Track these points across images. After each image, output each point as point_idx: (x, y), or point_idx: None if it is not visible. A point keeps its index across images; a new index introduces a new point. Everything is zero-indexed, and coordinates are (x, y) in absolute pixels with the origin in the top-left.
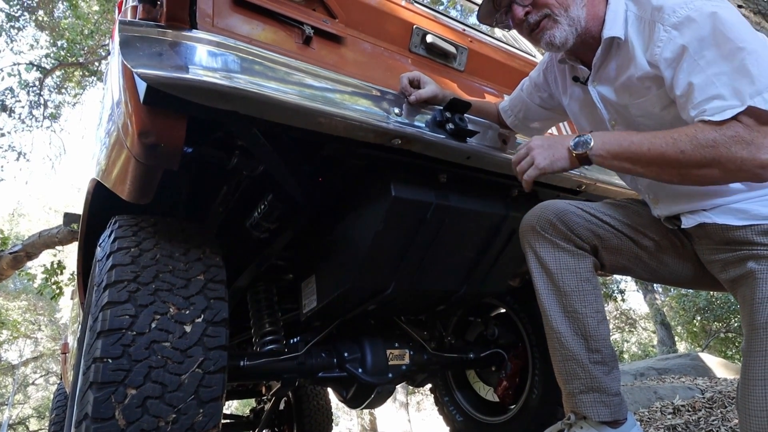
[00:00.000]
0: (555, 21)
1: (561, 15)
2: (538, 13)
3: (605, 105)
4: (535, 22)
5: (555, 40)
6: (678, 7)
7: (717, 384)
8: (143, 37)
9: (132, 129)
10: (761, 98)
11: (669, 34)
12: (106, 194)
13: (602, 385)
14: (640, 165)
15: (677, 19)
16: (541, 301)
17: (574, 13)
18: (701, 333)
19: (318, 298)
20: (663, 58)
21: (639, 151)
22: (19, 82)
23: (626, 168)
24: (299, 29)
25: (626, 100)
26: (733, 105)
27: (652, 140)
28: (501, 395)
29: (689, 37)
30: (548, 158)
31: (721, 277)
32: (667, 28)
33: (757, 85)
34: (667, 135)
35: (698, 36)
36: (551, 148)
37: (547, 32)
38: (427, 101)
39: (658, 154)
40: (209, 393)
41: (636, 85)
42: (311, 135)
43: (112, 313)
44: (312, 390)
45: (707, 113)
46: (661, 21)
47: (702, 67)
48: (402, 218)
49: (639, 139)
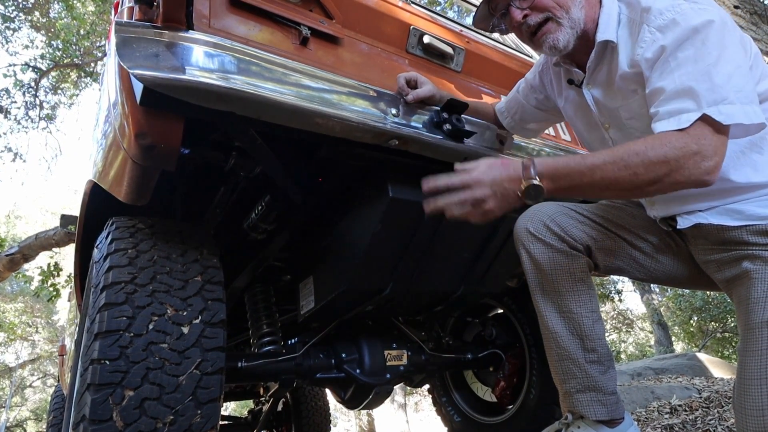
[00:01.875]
0: (558, 24)
1: (563, 17)
2: (538, 16)
3: (599, 108)
4: (536, 25)
5: (558, 44)
6: (665, 10)
7: (714, 384)
8: (140, 38)
9: (129, 130)
10: (716, 109)
11: (653, 35)
12: (103, 195)
13: (599, 385)
14: (593, 192)
15: (663, 21)
16: (537, 301)
17: (575, 14)
18: (698, 333)
19: (316, 299)
20: (644, 58)
21: (592, 182)
22: (15, 83)
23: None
24: (296, 30)
25: (617, 102)
26: (689, 109)
27: (603, 167)
28: (499, 395)
29: (670, 38)
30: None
31: (717, 278)
32: (652, 29)
33: (715, 95)
34: (617, 158)
35: (677, 38)
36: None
37: (550, 36)
38: (425, 101)
39: (612, 180)
40: (207, 394)
41: (623, 86)
42: (308, 136)
43: (109, 314)
44: (310, 391)
45: (661, 115)
46: (648, 22)
47: (671, 68)
48: (399, 219)
49: (589, 168)
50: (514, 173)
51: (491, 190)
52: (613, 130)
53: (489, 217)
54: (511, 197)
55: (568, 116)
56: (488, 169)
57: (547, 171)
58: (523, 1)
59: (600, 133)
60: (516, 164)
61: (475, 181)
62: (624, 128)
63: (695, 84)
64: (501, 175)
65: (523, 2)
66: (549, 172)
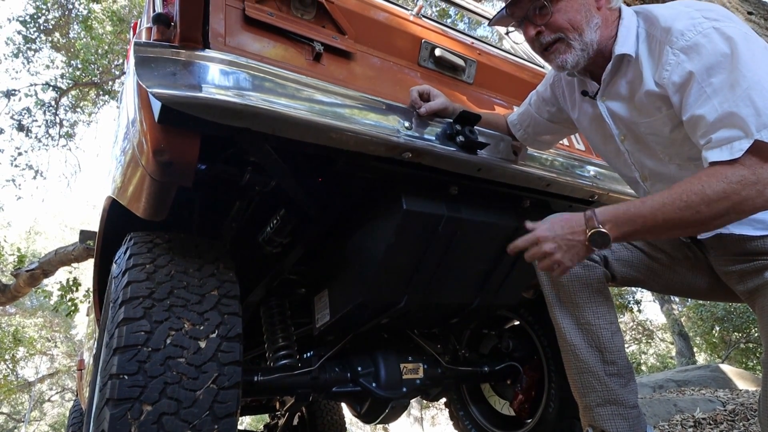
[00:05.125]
0: (568, 45)
1: (575, 40)
2: (550, 36)
3: (614, 120)
4: (548, 43)
5: (567, 65)
6: (686, 30)
7: (738, 396)
8: (158, 57)
9: (147, 147)
10: (767, 131)
11: (677, 57)
12: (121, 211)
13: (619, 398)
14: (657, 233)
15: (686, 42)
16: (554, 313)
17: (588, 38)
18: (720, 343)
19: (331, 312)
20: (671, 82)
21: (654, 224)
22: (36, 102)
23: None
24: (309, 46)
25: (636, 117)
26: (739, 136)
27: (663, 209)
28: (517, 409)
29: (697, 63)
30: (573, 258)
31: (738, 289)
32: (676, 51)
33: (762, 118)
34: (677, 198)
35: (706, 64)
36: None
37: (560, 56)
38: (438, 114)
39: (676, 220)
40: (224, 409)
41: (645, 103)
42: (323, 150)
43: (128, 329)
44: (326, 405)
45: (713, 144)
46: (670, 43)
47: (708, 95)
48: (414, 231)
49: (650, 211)
50: (577, 226)
51: (556, 244)
52: (629, 142)
53: (564, 270)
54: (578, 248)
55: (583, 128)
56: (551, 225)
57: (608, 218)
58: (539, 18)
59: (615, 145)
60: (578, 217)
61: (540, 238)
62: (641, 140)
63: (738, 110)
64: (564, 229)
65: (539, 18)
66: (611, 218)
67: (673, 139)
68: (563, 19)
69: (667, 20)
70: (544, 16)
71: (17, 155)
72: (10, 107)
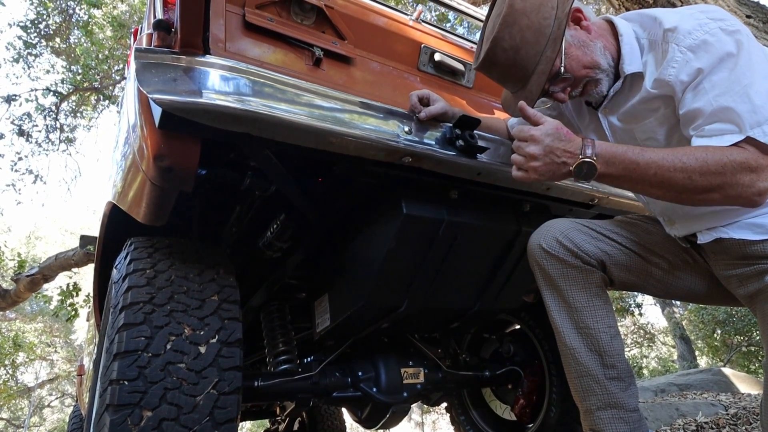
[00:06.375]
0: (597, 82)
1: (598, 74)
2: (578, 88)
3: (613, 132)
4: (581, 93)
5: (603, 92)
6: (694, 30)
7: (741, 400)
8: (158, 63)
9: (147, 152)
10: (761, 130)
11: (685, 55)
12: (121, 216)
13: (620, 401)
14: (640, 187)
15: (693, 41)
16: (553, 318)
17: (605, 64)
18: (722, 347)
19: (331, 316)
20: (679, 80)
21: (643, 176)
22: (36, 107)
23: (627, 188)
24: (309, 51)
25: (632, 124)
26: (731, 130)
27: (660, 163)
28: (518, 414)
29: (706, 60)
30: (548, 173)
31: (739, 293)
32: (683, 49)
33: (757, 116)
34: (676, 158)
35: (713, 60)
36: (554, 164)
37: (594, 90)
38: (437, 118)
39: (665, 178)
40: (224, 414)
41: (642, 107)
42: (322, 155)
43: (128, 334)
44: (326, 410)
45: (705, 133)
46: (676, 42)
47: (707, 89)
48: (414, 235)
49: (646, 162)
50: (573, 147)
51: (543, 152)
52: None
53: (530, 178)
54: (561, 168)
55: (585, 135)
56: (553, 131)
57: (605, 153)
58: (559, 84)
59: None
60: (577, 140)
61: (533, 137)
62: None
63: (735, 105)
64: (560, 143)
65: (559, 84)
66: (607, 154)
67: (669, 143)
68: (578, 68)
69: (672, 21)
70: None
71: (17, 160)
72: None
